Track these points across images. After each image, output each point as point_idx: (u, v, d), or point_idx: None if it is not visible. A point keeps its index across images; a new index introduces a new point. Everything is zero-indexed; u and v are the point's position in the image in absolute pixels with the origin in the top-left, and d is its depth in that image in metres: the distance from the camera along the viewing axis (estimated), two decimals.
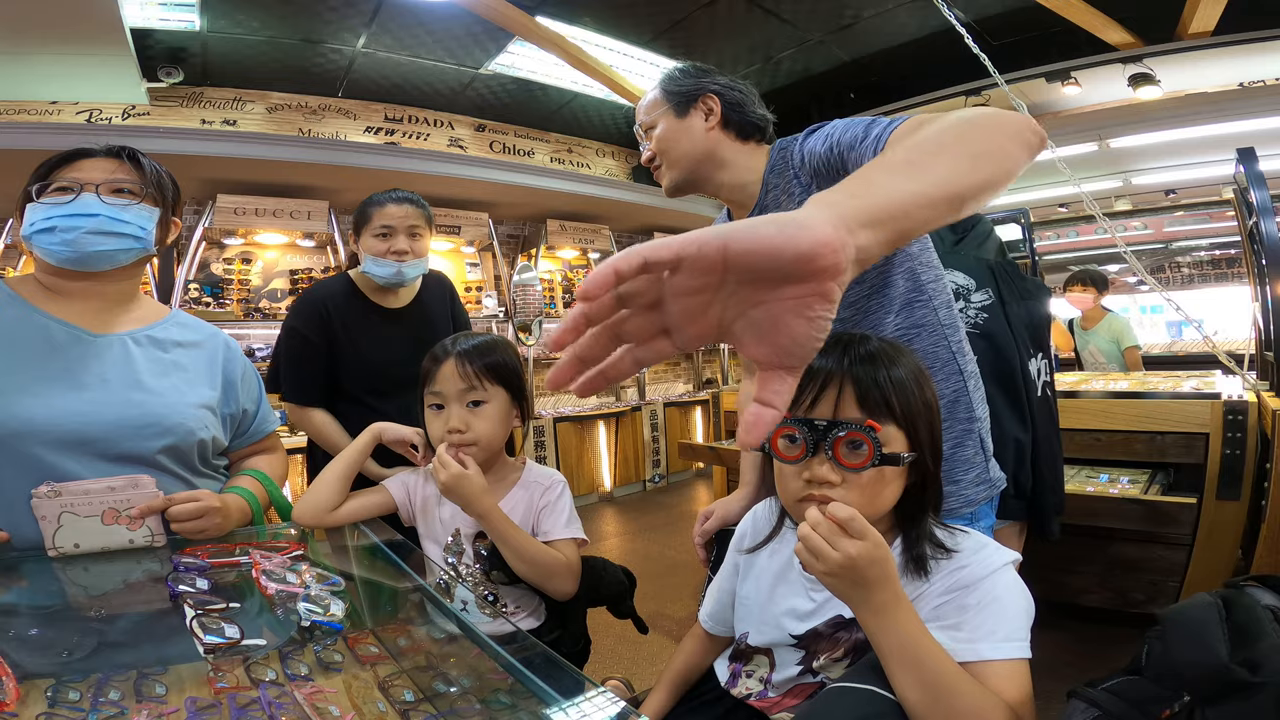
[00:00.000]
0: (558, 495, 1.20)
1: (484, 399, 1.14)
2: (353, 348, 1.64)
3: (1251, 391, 2.16)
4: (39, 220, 0.99)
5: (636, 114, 1.19)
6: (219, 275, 4.22)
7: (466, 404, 1.14)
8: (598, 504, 5.05)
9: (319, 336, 1.62)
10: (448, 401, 1.14)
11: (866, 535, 0.66)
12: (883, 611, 0.67)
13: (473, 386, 1.13)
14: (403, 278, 1.64)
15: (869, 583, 0.67)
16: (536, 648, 0.75)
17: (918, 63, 4.23)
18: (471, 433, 1.13)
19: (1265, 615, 0.77)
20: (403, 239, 1.62)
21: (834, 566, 0.67)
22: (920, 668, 0.65)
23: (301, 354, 1.62)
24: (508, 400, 1.18)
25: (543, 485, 1.21)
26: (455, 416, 1.13)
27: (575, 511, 1.22)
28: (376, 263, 1.63)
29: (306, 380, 1.64)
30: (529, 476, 1.23)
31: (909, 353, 0.84)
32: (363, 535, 1.16)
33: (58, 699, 0.63)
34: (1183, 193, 5.89)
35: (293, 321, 1.66)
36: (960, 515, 1.02)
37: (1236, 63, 3.83)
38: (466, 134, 5.05)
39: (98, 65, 3.43)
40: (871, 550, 0.66)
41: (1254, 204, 2.21)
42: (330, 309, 1.64)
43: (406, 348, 1.65)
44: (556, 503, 1.19)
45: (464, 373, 1.13)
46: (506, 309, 5.08)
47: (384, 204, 1.65)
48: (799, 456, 0.76)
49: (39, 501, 0.92)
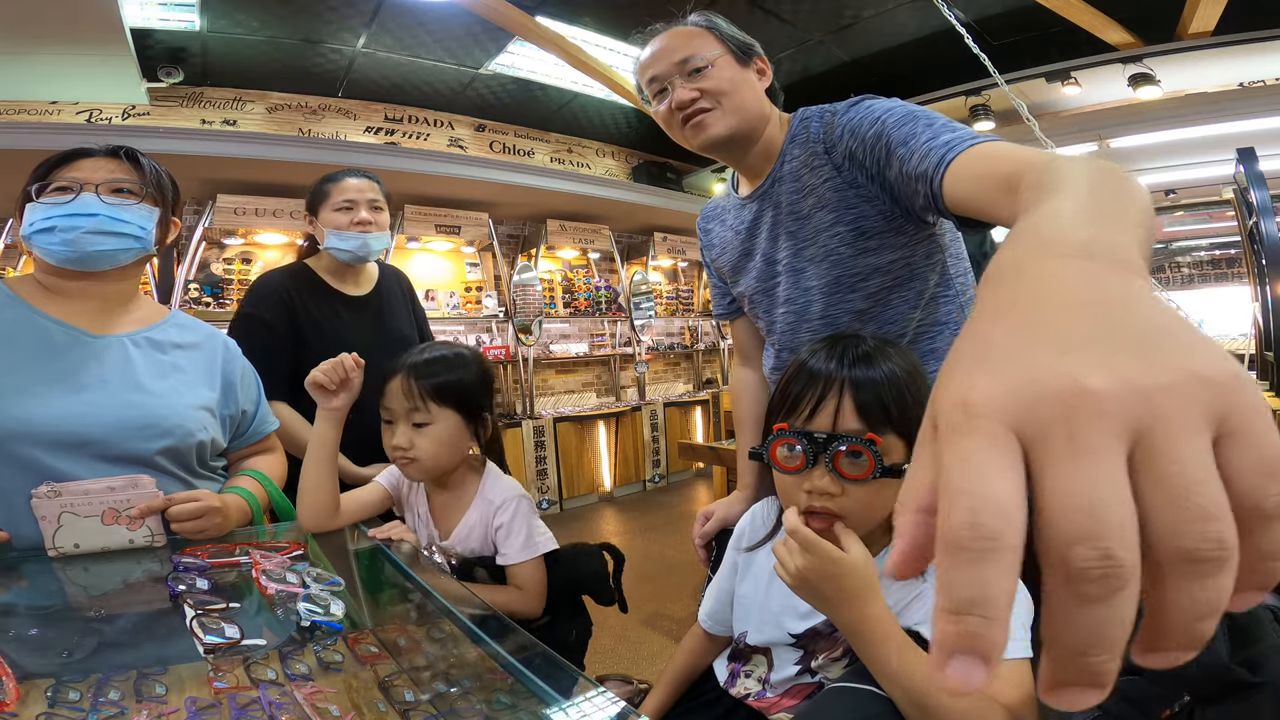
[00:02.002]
0: (512, 515, 1.13)
1: (427, 420, 1.10)
2: (318, 336, 1.56)
3: None
4: (39, 220, 0.99)
5: (668, 42, 1.03)
6: (219, 275, 4.22)
7: (412, 423, 1.10)
8: (598, 504, 5.05)
9: (284, 325, 1.54)
10: (395, 418, 1.11)
11: (813, 550, 0.67)
12: (852, 630, 0.68)
13: (416, 407, 1.10)
14: (368, 249, 1.61)
15: (828, 600, 0.67)
16: (537, 648, 0.75)
17: (918, 63, 4.24)
18: (415, 450, 1.09)
19: (1265, 615, 0.77)
20: (365, 211, 1.60)
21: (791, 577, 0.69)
22: (901, 682, 0.66)
23: (267, 343, 1.51)
24: (457, 422, 1.12)
25: (495, 504, 1.14)
26: (399, 433, 1.10)
27: (535, 523, 1.15)
28: (340, 236, 1.58)
29: (274, 371, 1.50)
30: (485, 492, 1.15)
31: (904, 350, 0.84)
32: (363, 535, 1.16)
33: (58, 699, 0.63)
34: (1183, 193, 5.89)
35: (252, 310, 1.55)
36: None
37: (1236, 63, 3.83)
38: (466, 134, 5.05)
39: (98, 65, 3.43)
40: (820, 565, 0.66)
41: (1254, 204, 2.21)
42: (292, 295, 1.57)
43: (371, 335, 1.64)
44: (511, 523, 1.12)
45: (408, 390, 1.10)
46: (506, 309, 5.08)
47: (342, 179, 1.63)
48: (798, 468, 0.76)
49: (39, 501, 0.92)
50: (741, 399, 1.31)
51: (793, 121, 1.06)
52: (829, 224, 1.00)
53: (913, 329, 1.02)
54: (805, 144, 1.02)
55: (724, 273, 1.24)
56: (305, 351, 1.55)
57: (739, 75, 1.02)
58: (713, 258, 1.27)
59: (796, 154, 1.03)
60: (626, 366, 6.02)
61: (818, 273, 1.03)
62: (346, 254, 1.61)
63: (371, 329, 1.67)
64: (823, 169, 0.99)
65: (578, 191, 5.05)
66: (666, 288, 6.54)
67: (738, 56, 1.02)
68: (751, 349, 1.30)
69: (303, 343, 1.56)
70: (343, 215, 1.60)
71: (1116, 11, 3.69)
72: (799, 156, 1.03)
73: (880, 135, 0.90)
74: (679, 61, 1.02)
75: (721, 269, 1.25)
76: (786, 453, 0.77)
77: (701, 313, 6.71)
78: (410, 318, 1.80)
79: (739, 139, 1.04)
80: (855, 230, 0.99)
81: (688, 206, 5.78)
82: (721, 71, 1.01)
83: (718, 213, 1.25)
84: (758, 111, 1.04)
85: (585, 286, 5.75)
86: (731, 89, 1.01)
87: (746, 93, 1.02)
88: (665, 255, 6.23)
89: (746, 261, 1.16)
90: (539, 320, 5.15)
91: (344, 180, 1.63)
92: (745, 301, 1.21)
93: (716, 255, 1.25)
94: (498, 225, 5.16)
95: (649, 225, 6.07)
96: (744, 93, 1.02)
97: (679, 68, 1.02)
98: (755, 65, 1.05)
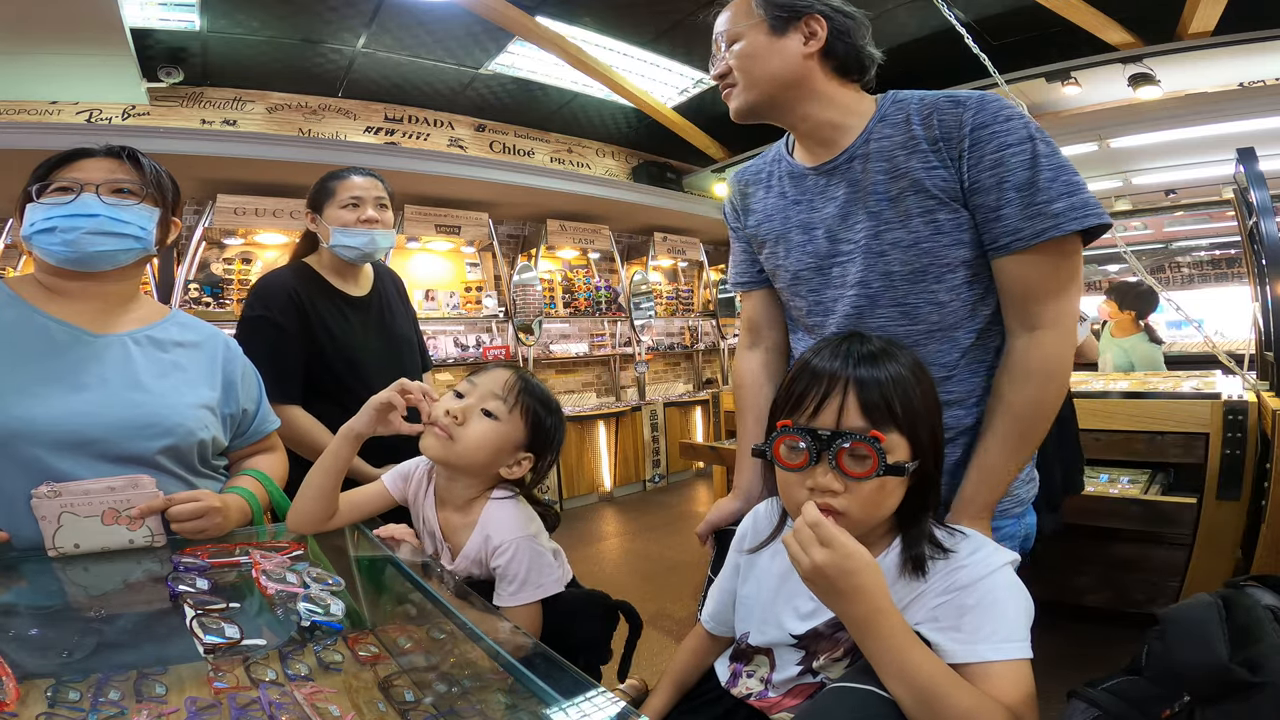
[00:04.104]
0: (509, 558, 1.04)
1: (499, 415, 1.05)
2: (328, 338, 1.54)
3: (1251, 391, 2.16)
4: (39, 220, 0.99)
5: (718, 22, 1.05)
6: (219, 275, 4.22)
7: (480, 409, 1.06)
8: (598, 504, 5.05)
9: (294, 324, 1.51)
10: (472, 393, 1.07)
11: (833, 544, 0.67)
12: (862, 626, 0.68)
13: (502, 399, 1.06)
14: (375, 246, 1.59)
15: (842, 594, 0.67)
16: (537, 648, 0.75)
17: (917, 63, 4.23)
18: (462, 428, 1.04)
19: (1265, 615, 0.77)
20: (372, 208, 1.59)
21: (805, 572, 0.68)
22: (907, 679, 0.66)
23: (277, 344, 1.48)
24: (519, 439, 1.07)
25: (494, 544, 1.05)
26: (463, 404, 1.05)
27: (539, 565, 1.06)
28: (347, 233, 1.56)
29: (288, 372, 1.49)
30: (486, 526, 1.07)
31: (910, 351, 0.84)
32: (363, 535, 1.16)
33: (58, 699, 0.63)
34: (1183, 193, 5.89)
35: (261, 311, 1.51)
36: (1012, 515, 1.02)
37: (1236, 63, 3.83)
38: (466, 134, 5.05)
39: (98, 65, 3.43)
40: (840, 560, 0.66)
41: (1254, 204, 2.21)
42: (300, 295, 1.54)
43: (376, 336, 1.64)
44: (508, 566, 1.04)
45: (509, 385, 1.07)
46: (506, 309, 5.08)
47: (348, 176, 1.62)
48: (801, 465, 0.76)
49: (39, 502, 0.92)
50: (745, 389, 1.23)
51: (882, 101, 1.02)
52: (930, 208, 0.96)
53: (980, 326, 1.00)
54: (901, 126, 0.97)
55: (758, 242, 1.17)
56: (315, 353, 1.54)
57: (766, 45, 0.99)
58: (749, 224, 1.18)
59: (888, 134, 0.98)
60: (626, 366, 6.02)
61: (904, 259, 0.98)
62: (353, 251, 1.59)
63: (376, 330, 1.66)
64: (928, 156, 0.95)
65: (578, 191, 5.05)
66: (666, 288, 6.54)
67: (773, 25, 0.99)
68: (764, 326, 1.23)
69: (313, 343, 1.54)
70: (349, 212, 1.58)
71: (1116, 11, 3.69)
72: (891, 136, 0.98)
73: (1001, 167, 0.91)
74: (720, 33, 1.05)
75: (756, 237, 1.17)
76: (790, 450, 0.77)
77: (701, 313, 6.71)
78: (407, 318, 1.80)
79: (760, 110, 1.03)
80: (956, 220, 0.96)
81: (688, 206, 5.78)
82: (746, 47, 1.01)
83: (761, 177, 1.17)
84: (790, 79, 1.00)
85: (585, 286, 5.75)
86: (752, 63, 1.00)
87: (773, 62, 0.99)
88: (665, 255, 6.23)
89: (801, 235, 1.08)
90: (539, 320, 5.14)
91: (350, 178, 1.62)
92: (783, 276, 1.14)
93: (757, 222, 1.16)
94: (498, 225, 5.15)
95: (649, 225, 6.07)
96: (769, 63, 1.00)
97: (721, 40, 1.05)
98: (801, 29, 0.99)
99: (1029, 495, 1.05)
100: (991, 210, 0.93)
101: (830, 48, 0.99)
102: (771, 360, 1.23)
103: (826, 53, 1.00)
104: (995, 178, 0.91)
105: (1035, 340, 0.93)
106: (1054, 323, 0.93)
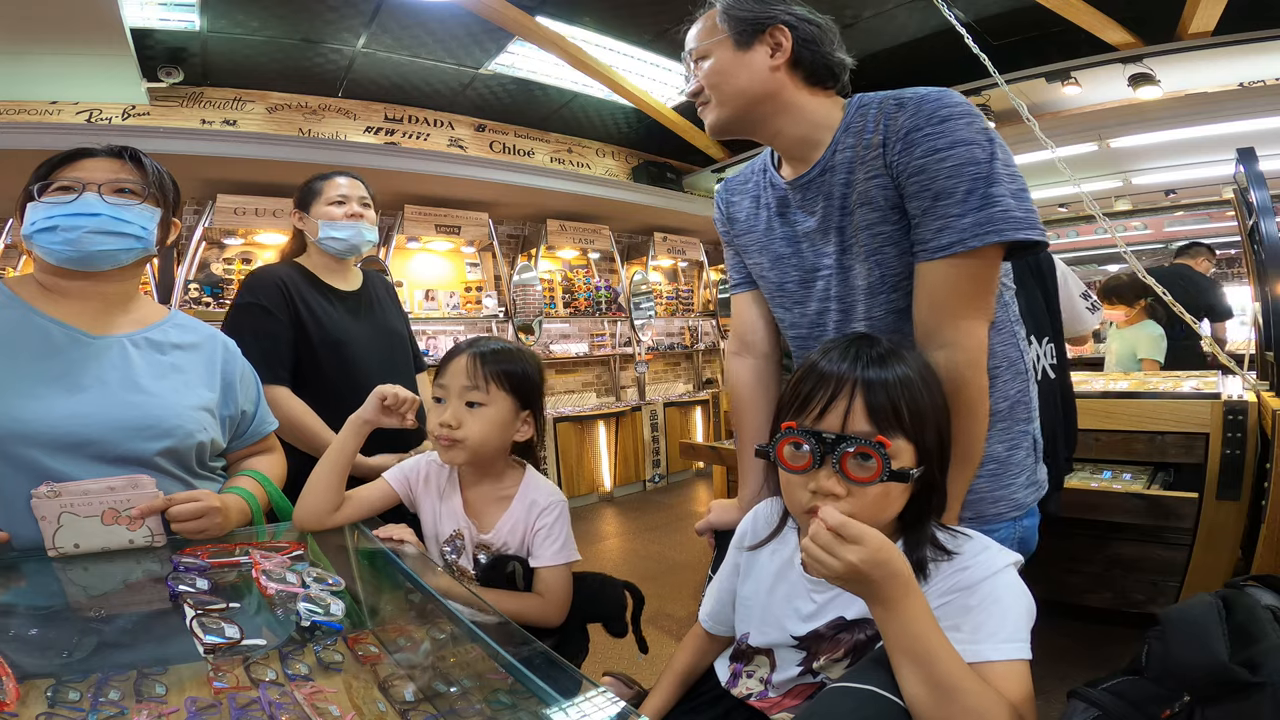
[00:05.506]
0: (555, 518, 1.15)
1: (483, 401, 1.12)
2: (317, 327, 1.59)
3: (1251, 391, 2.16)
4: (40, 219, 0.99)
5: (686, 40, 1.04)
6: (219, 275, 4.22)
7: (466, 402, 1.12)
8: (598, 504, 5.05)
9: (282, 310, 1.55)
10: (449, 395, 1.13)
11: (863, 539, 0.66)
12: (891, 604, 0.67)
13: (475, 386, 1.11)
14: (361, 238, 1.68)
15: (874, 581, 0.66)
16: (537, 648, 0.75)
17: (917, 63, 4.23)
18: (462, 430, 1.10)
19: (1265, 615, 0.77)
20: (357, 205, 1.68)
21: (839, 574, 0.67)
22: (926, 663, 0.65)
23: (268, 327, 1.53)
24: (511, 408, 1.14)
25: (540, 505, 1.15)
26: (450, 411, 1.11)
27: (570, 531, 1.17)
28: (335, 226, 1.64)
29: (277, 353, 1.53)
30: (527, 492, 1.17)
31: (918, 355, 0.83)
32: (363, 535, 1.16)
33: (58, 699, 0.63)
34: (1183, 193, 5.90)
35: (249, 298, 1.56)
36: (1008, 519, 1.00)
37: (1236, 63, 3.83)
38: (466, 134, 5.05)
39: (98, 65, 3.43)
40: (873, 554, 0.66)
41: (1254, 204, 2.21)
42: (289, 285, 1.59)
43: (368, 329, 1.70)
44: (553, 526, 1.14)
45: (470, 370, 1.12)
46: (506, 309, 5.08)
47: (333, 177, 1.71)
48: (805, 467, 0.76)
49: (39, 502, 0.92)
50: (741, 402, 1.22)
51: (849, 107, 0.99)
52: (873, 222, 0.95)
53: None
54: (860, 134, 0.96)
55: (744, 250, 1.18)
56: (305, 342, 1.58)
57: (732, 61, 0.98)
58: (734, 232, 1.19)
59: (850, 144, 0.97)
60: (626, 366, 6.02)
61: (863, 271, 0.98)
62: (341, 243, 1.66)
63: (367, 322, 1.71)
64: (874, 163, 0.94)
65: (578, 191, 5.05)
66: (666, 288, 6.54)
67: (737, 40, 0.98)
68: (751, 332, 1.22)
69: (302, 332, 1.58)
70: (336, 208, 1.66)
71: (1116, 11, 3.69)
72: (852, 147, 0.96)
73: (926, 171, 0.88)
74: (689, 51, 1.04)
75: (741, 246, 1.18)
76: (794, 451, 0.77)
77: (701, 313, 6.71)
78: (399, 315, 1.84)
79: (734, 126, 1.02)
80: (900, 229, 0.94)
81: (688, 207, 5.78)
82: (715, 64, 1.00)
83: (748, 187, 1.17)
84: (760, 94, 0.98)
85: (585, 286, 5.75)
86: (721, 80, 0.99)
87: (741, 77, 0.98)
88: (665, 255, 6.23)
89: (786, 248, 1.09)
90: (539, 320, 5.15)
91: (335, 178, 1.72)
92: (766, 287, 1.15)
93: (740, 231, 1.17)
94: (498, 225, 5.15)
95: (649, 225, 6.07)
96: (738, 78, 0.98)
97: (690, 58, 1.04)
98: (766, 42, 0.97)
99: (1027, 500, 1.03)
100: (915, 217, 0.91)
101: (798, 57, 0.98)
102: (763, 368, 1.22)
103: (795, 63, 0.98)
104: (918, 184, 0.89)
105: (935, 361, 0.88)
106: (952, 343, 0.88)
